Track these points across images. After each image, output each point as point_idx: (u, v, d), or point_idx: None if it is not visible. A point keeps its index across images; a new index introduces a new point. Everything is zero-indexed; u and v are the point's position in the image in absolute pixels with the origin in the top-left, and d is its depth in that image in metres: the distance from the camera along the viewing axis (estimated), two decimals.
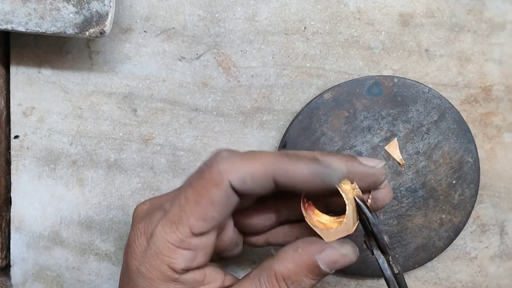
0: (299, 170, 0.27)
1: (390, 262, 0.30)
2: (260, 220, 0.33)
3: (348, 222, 0.29)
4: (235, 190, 0.27)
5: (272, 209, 0.33)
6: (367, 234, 0.30)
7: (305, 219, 0.30)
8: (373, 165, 0.30)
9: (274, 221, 0.33)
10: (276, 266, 0.29)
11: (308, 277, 0.28)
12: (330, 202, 0.31)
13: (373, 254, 0.30)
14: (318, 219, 0.30)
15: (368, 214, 0.29)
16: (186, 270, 0.28)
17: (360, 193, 0.29)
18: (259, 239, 0.34)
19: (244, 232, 0.34)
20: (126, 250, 0.30)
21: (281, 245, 0.32)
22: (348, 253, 0.29)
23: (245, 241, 0.34)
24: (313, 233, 0.30)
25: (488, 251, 0.42)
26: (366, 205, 0.29)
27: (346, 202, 0.29)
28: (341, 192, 0.29)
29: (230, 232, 0.32)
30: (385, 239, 0.30)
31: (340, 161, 0.29)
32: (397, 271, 0.30)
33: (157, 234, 0.28)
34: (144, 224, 0.29)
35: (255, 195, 0.28)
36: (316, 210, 0.30)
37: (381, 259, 0.30)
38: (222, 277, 0.30)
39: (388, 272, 0.29)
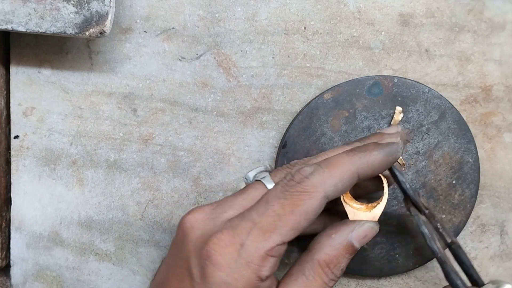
0: (376, 157, 0.31)
1: (440, 230, 0.34)
2: None
3: (377, 211, 0.33)
4: (327, 200, 0.30)
5: None
6: (405, 197, 0.34)
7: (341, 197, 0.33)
8: (394, 131, 0.34)
9: None
10: (317, 256, 0.31)
11: (345, 257, 0.31)
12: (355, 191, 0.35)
13: (411, 214, 0.33)
14: (346, 199, 0.33)
15: (397, 172, 0.33)
16: (267, 277, 0.30)
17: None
18: None
19: None
20: (203, 261, 0.30)
21: (308, 234, 0.34)
22: (373, 225, 0.32)
23: None
24: (340, 220, 0.33)
25: (488, 251, 0.42)
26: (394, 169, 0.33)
27: (384, 192, 0.33)
28: (382, 179, 0.33)
29: None
30: (421, 198, 0.33)
31: (392, 135, 0.33)
32: (450, 241, 0.33)
33: (248, 244, 0.29)
34: (227, 235, 0.30)
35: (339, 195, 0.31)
36: (348, 193, 0.33)
37: (417, 216, 0.32)
38: (275, 280, 0.31)
39: (424, 227, 0.32)
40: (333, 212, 0.35)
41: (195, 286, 0.30)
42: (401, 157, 0.39)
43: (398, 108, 0.39)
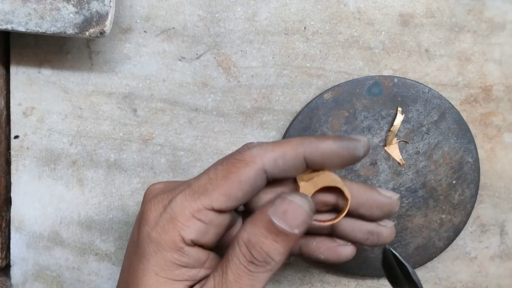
0: (327, 145, 0.29)
1: None
2: None
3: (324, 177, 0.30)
4: (266, 174, 0.29)
5: None
6: (397, 279, 0.31)
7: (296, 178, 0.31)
8: (390, 195, 0.31)
9: None
10: (238, 234, 0.28)
11: (268, 237, 0.27)
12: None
13: None
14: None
15: (407, 264, 0.31)
16: (194, 244, 0.28)
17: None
18: None
19: None
20: (138, 221, 0.30)
21: None
22: (295, 200, 0.28)
23: None
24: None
25: (488, 251, 0.42)
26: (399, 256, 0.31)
27: (345, 207, 0.31)
28: (347, 196, 0.30)
29: (238, 229, 0.32)
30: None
31: (363, 143, 0.30)
32: None
33: (176, 201, 0.28)
34: (163, 195, 0.29)
35: (285, 177, 0.30)
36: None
37: None
38: (218, 259, 0.31)
39: None
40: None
41: (132, 246, 0.30)
42: (401, 157, 0.39)
43: (400, 109, 0.39)
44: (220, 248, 0.31)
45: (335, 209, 0.32)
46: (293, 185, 0.31)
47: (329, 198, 0.32)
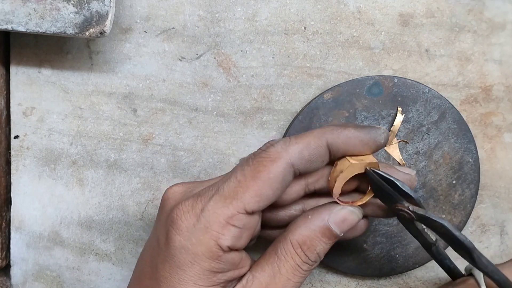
0: (349, 132, 0.30)
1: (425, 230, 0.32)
2: (287, 213, 0.33)
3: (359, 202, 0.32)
4: (293, 168, 0.29)
5: (299, 203, 0.33)
6: (389, 200, 0.31)
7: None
8: (408, 172, 0.33)
9: (299, 214, 0.34)
10: (290, 236, 0.30)
11: (322, 240, 0.30)
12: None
13: (414, 221, 0.31)
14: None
15: (392, 178, 0.30)
16: (230, 249, 0.29)
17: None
18: (274, 233, 0.35)
19: (263, 224, 0.34)
20: (164, 226, 0.30)
21: None
22: (354, 210, 0.31)
23: (261, 234, 0.35)
24: None
25: (488, 251, 0.42)
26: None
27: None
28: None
29: (259, 223, 0.33)
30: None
31: (383, 130, 0.31)
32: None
33: (209, 209, 0.28)
34: (191, 201, 0.29)
35: (310, 169, 0.30)
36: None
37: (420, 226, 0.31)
38: (248, 260, 0.31)
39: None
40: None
41: (160, 253, 0.30)
42: (401, 157, 0.39)
43: (400, 109, 0.39)
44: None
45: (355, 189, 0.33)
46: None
47: (354, 181, 0.32)
